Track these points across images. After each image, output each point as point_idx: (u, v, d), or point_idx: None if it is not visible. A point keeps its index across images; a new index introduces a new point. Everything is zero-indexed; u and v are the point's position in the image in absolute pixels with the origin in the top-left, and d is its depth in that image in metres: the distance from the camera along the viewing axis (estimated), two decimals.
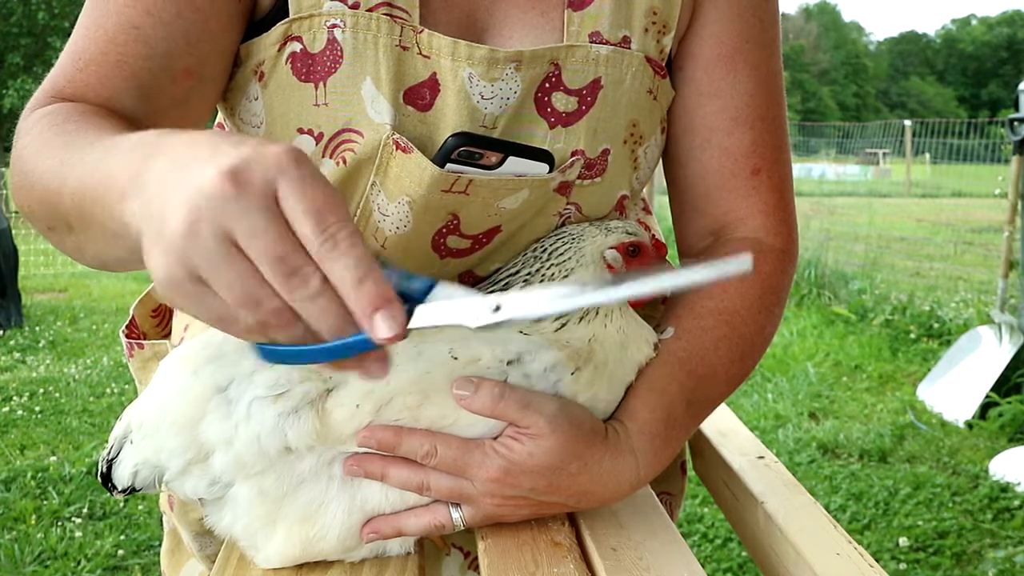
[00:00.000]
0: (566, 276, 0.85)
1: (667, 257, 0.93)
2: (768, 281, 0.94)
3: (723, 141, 0.96)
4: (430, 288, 0.59)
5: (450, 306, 0.58)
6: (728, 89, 0.95)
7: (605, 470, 0.80)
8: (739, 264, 0.54)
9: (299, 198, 0.52)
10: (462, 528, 0.82)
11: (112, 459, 0.82)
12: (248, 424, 0.76)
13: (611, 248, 0.88)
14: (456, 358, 0.78)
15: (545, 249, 0.87)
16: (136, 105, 0.82)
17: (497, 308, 0.57)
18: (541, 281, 0.85)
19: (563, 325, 0.83)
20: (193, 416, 0.77)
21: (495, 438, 0.78)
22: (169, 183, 0.54)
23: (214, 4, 0.81)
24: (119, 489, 0.82)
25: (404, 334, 0.54)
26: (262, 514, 0.80)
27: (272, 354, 0.59)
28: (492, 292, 0.86)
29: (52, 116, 0.78)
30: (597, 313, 0.85)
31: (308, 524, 0.80)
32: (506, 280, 0.86)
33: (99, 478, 0.83)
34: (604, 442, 0.80)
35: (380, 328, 0.53)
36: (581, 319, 0.84)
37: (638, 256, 0.89)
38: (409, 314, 0.57)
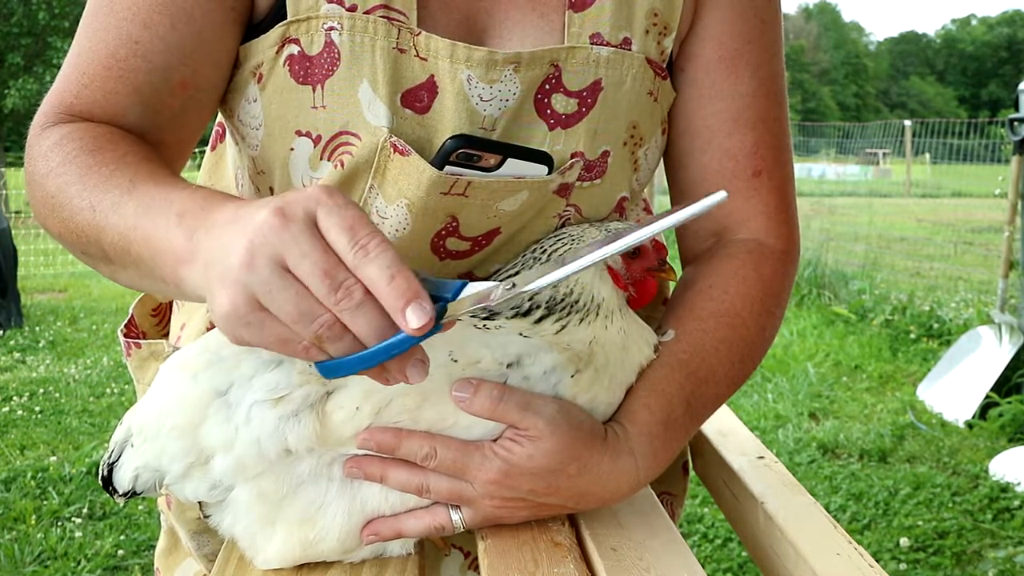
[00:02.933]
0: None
1: (667, 258, 0.93)
2: (769, 283, 0.94)
3: (724, 143, 0.96)
4: (461, 288, 0.63)
5: (474, 294, 0.63)
6: (729, 91, 0.95)
7: (604, 472, 0.80)
8: (717, 196, 0.62)
9: (333, 220, 0.59)
10: (462, 530, 0.82)
11: (113, 463, 0.82)
12: (248, 427, 0.76)
13: None
14: (456, 360, 0.78)
15: (544, 250, 0.87)
16: (140, 118, 0.84)
17: (512, 286, 0.64)
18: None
19: (563, 327, 0.83)
20: (193, 421, 0.77)
21: (494, 440, 0.78)
22: (224, 240, 0.61)
23: (207, 15, 0.82)
24: (120, 493, 0.82)
25: (433, 324, 0.59)
26: (262, 515, 0.80)
27: (328, 369, 0.63)
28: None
29: (72, 143, 0.80)
30: (597, 315, 0.85)
31: (308, 525, 0.80)
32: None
33: (100, 482, 0.83)
34: (603, 444, 0.80)
35: (411, 319, 0.58)
36: (582, 321, 0.84)
37: (638, 258, 0.89)
38: (441, 312, 0.62)
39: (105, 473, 0.82)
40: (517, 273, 0.87)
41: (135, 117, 0.84)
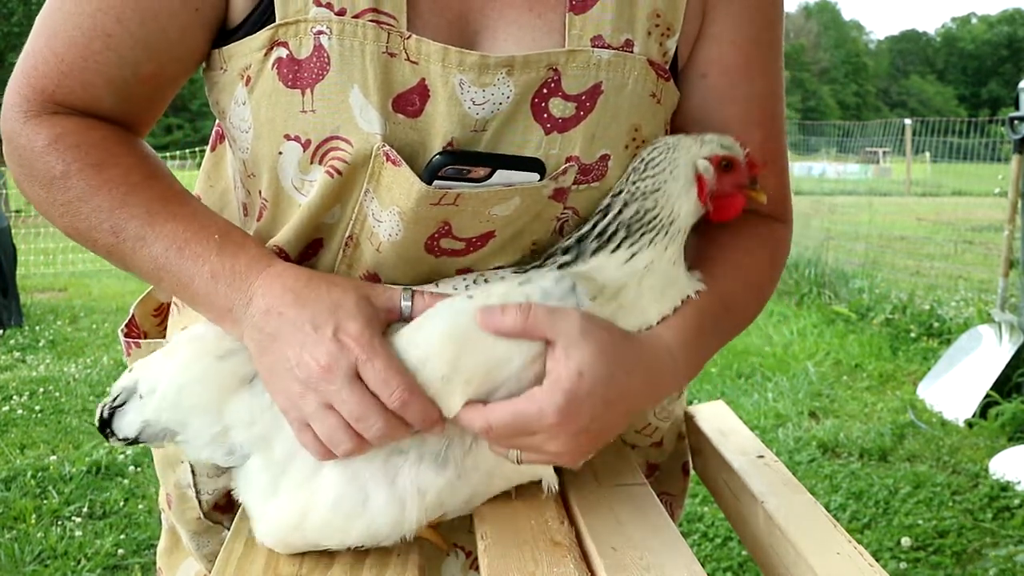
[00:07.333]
0: (658, 189, 0.88)
1: (757, 177, 0.93)
2: (777, 246, 1.05)
3: None
4: None
5: None
6: (743, 93, 0.97)
7: (648, 366, 0.84)
8: None
9: (369, 379, 0.79)
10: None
11: (116, 407, 0.85)
12: (272, 410, 0.82)
13: (704, 159, 0.89)
14: (472, 296, 0.83)
15: (643, 160, 0.89)
16: (114, 107, 0.90)
17: None
18: (631, 195, 0.88)
19: (633, 255, 0.87)
20: (218, 401, 0.83)
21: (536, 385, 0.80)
22: (278, 355, 0.81)
23: (172, 15, 0.85)
24: (119, 437, 0.85)
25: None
26: (268, 483, 0.84)
27: None
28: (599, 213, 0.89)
29: (70, 152, 0.86)
30: (666, 234, 0.88)
31: (305, 489, 0.83)
32: (608, 202, 0.89)
33: (97, 423, 0.86)
34: (637, 339, 0.85)
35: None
36: (651, 242, 0.87)
37: (730, 172, 0.91)
38: None
39: (105, 416, 0.85)
40: (609, 206, 0.89)
41: (108, 105, 0.89)
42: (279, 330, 0.80)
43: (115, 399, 0.85)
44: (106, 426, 0.86)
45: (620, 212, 0.87)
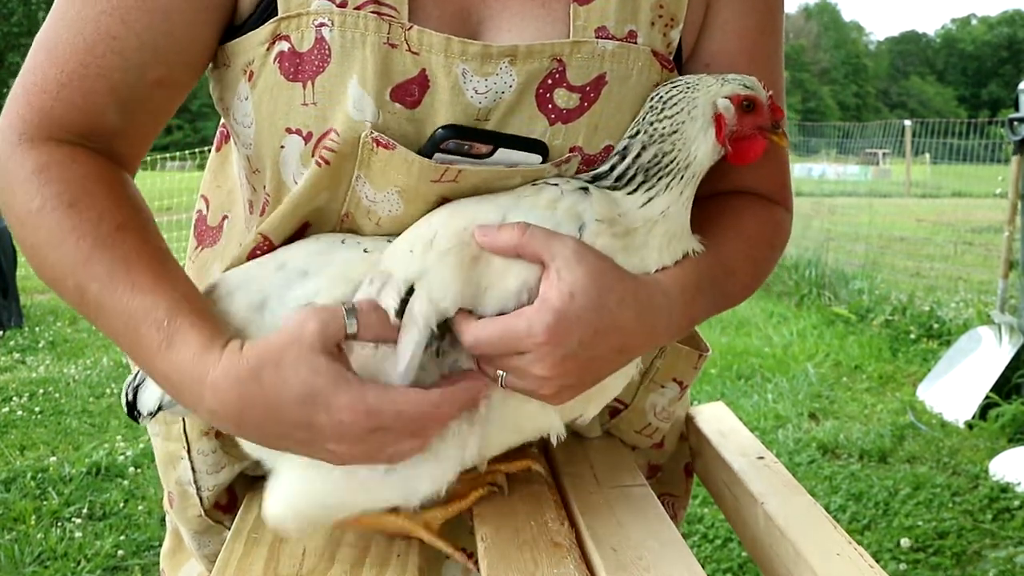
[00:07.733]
0: (675, 131, 0.86)
1: (783, 121, 0.92)
2: (778, 226, 1.06)
3: None
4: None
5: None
6: None
7: (642, 301, 0.82)
8: None
9: (406, 427, 0.76)
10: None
11: (138, 385, 0.87)
12: None
13: (725, 98, 0.88)
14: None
15: (660, 98, 0.88)
16: (117, 119, 0.86)
17: None
18: (650, 138, 0.86)
19: (649, 200, 0.86)
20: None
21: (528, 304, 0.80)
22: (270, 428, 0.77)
23: (182, 14, 0.83)
24: (144, 414, 0.86)
25: None
26: None
27: None
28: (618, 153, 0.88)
29: (50, 187, 0.81)
30: (682, 178, 0.86)
31: None
32: (626, 143, 0.88)
33: (124, 407, 0.88)
34: (632, 276, 0.83)
35: None
36: (667, 187, 0.86)
37: (751, 113, 0.89)
38: None
39: (130, 398, 0.87)
40: (627, 148, 0.88)
41: (112, 117, 0.85)
42: (272, 443, 0.79)
43: (135, 377, 0.87)
44: (132, 408, 0.87)
45: (639, 155, 0.86)
